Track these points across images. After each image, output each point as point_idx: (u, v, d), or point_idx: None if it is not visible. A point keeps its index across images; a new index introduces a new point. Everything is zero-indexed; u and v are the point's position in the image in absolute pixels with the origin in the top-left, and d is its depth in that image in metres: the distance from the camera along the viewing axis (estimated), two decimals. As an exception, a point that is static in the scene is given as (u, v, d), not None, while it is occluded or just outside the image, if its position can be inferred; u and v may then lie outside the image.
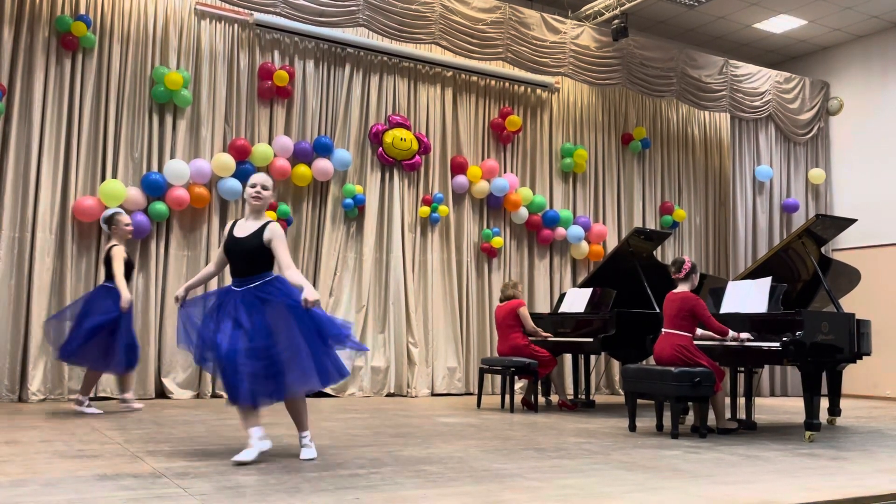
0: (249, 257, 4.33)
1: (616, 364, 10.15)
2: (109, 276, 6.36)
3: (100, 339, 6.13)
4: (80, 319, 6.18)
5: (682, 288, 5.89)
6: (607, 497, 3.43)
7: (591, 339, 7.46)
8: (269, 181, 4.48)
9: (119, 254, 6.36)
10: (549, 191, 10.36)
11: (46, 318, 6.81)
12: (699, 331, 5.84)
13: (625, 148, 11.00)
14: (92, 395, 6.62)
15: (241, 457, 4.08)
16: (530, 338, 7.70)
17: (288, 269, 4.29)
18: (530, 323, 7.68)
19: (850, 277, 7.06)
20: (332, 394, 8.42)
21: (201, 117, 8.24)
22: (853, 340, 5.87)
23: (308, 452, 4.33)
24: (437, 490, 3.50)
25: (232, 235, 4.43)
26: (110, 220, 6.60)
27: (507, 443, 5.14)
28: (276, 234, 4.34)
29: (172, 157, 8.04)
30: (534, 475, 3.92)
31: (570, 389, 8.91)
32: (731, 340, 5.82)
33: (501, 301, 7.85)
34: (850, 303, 6.88)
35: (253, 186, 4.42)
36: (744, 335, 5.80)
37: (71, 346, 6.13)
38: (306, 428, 4.41)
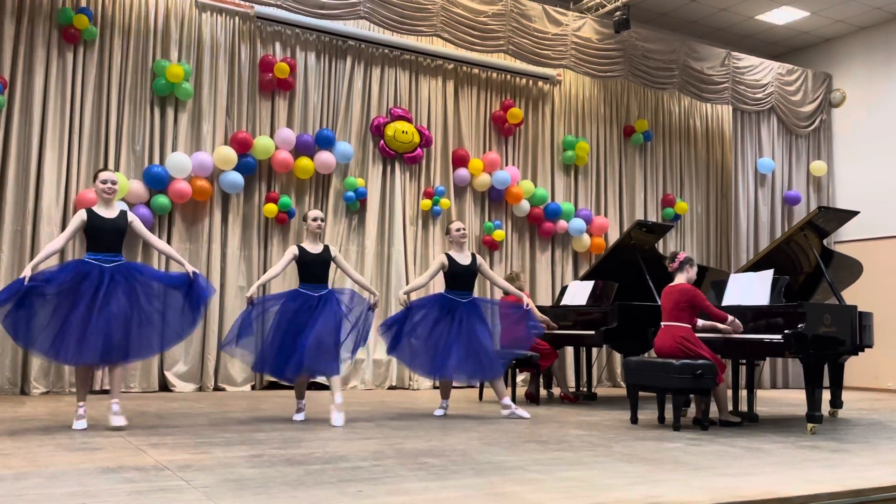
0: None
1: (618, 356, 10.16)
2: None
3: None
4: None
5: (679, 280, 5.89)
6: (609, 489, 3.43)
7: (592, 332, 7.46)
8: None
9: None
10: (551, 183, 10.34)
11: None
12: (700, 322, 5.83)
13: (626, 140, 10.98)
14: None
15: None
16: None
17: None
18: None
19: (853, 270, 7.05)
20: (334, 386, 8.41)
21: (203, 110, 8.24)
22: (855, 333, 5.87)
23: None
24: (439, 482, 3.50)
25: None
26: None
27: (509, 435, 5.15)
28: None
29: (174, 150, 8.04)
30: (535, 467, 3.92)
31: (571, 382, 8.91)
32: (729, 325, 5.79)
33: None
34: (853, 295, 6.86)
35: (314, 220, 5.91)
36: (737, 322, 5.79)
37: None
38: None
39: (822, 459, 4.43)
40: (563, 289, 8.53)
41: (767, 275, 6.09)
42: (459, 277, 6.35)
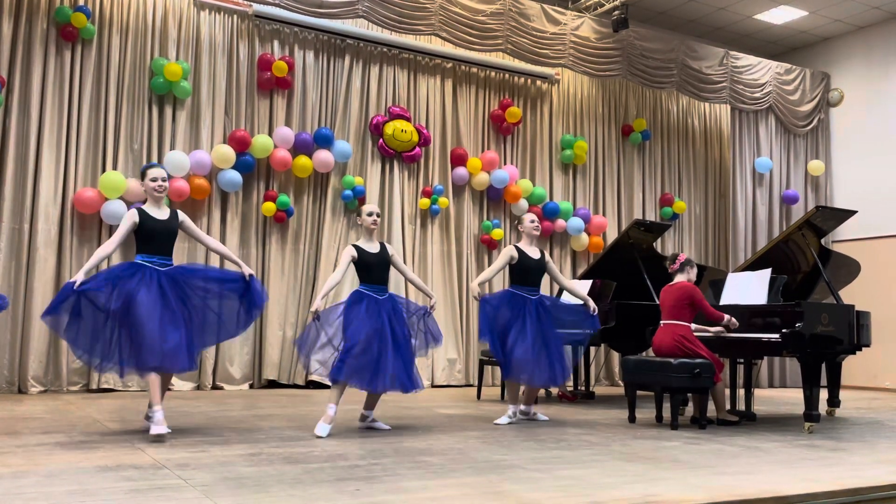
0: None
1: (616, 355, 10.16)
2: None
3: None
4: None
5: (679, 279, 5.90)
6: (607, 488, 3.44)
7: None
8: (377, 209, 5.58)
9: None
10: (549, 182, 10.35)
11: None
12: (693, 325, 5.83)
13: (625, 139, 10.99)
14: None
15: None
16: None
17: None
18: None
19: (850, 269, 7.06)
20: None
21: (201, 108, 8.23)
22: (853, 332, 5.87)
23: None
24: (437, 481, 3.51)
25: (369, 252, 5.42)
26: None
27: (508, 434, 5.15)
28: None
29: (172, 148, 8.03)
30: (534, 466, 3.93)
31: (570, 381, 8.91)
32: (725, 324, 5.79)
33: None
34: (850, 294, 6.88)
35: (370, 215, 5.46)
36: (733, 320, 5.79)
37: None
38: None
39: (819, 458, 4.44)
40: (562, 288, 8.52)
41: (765, 274, 6.09)
42: (530, 272, 5.92)
